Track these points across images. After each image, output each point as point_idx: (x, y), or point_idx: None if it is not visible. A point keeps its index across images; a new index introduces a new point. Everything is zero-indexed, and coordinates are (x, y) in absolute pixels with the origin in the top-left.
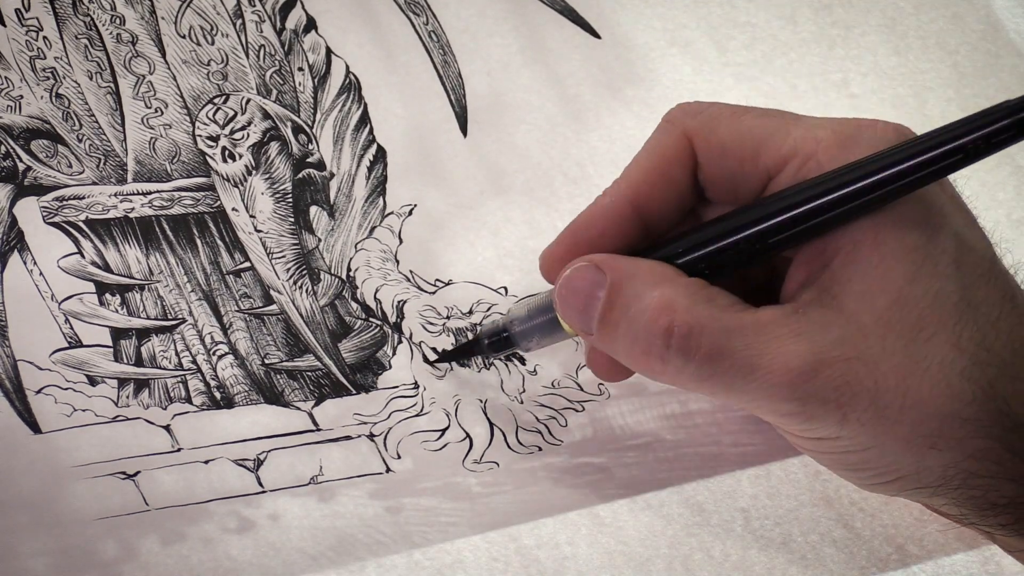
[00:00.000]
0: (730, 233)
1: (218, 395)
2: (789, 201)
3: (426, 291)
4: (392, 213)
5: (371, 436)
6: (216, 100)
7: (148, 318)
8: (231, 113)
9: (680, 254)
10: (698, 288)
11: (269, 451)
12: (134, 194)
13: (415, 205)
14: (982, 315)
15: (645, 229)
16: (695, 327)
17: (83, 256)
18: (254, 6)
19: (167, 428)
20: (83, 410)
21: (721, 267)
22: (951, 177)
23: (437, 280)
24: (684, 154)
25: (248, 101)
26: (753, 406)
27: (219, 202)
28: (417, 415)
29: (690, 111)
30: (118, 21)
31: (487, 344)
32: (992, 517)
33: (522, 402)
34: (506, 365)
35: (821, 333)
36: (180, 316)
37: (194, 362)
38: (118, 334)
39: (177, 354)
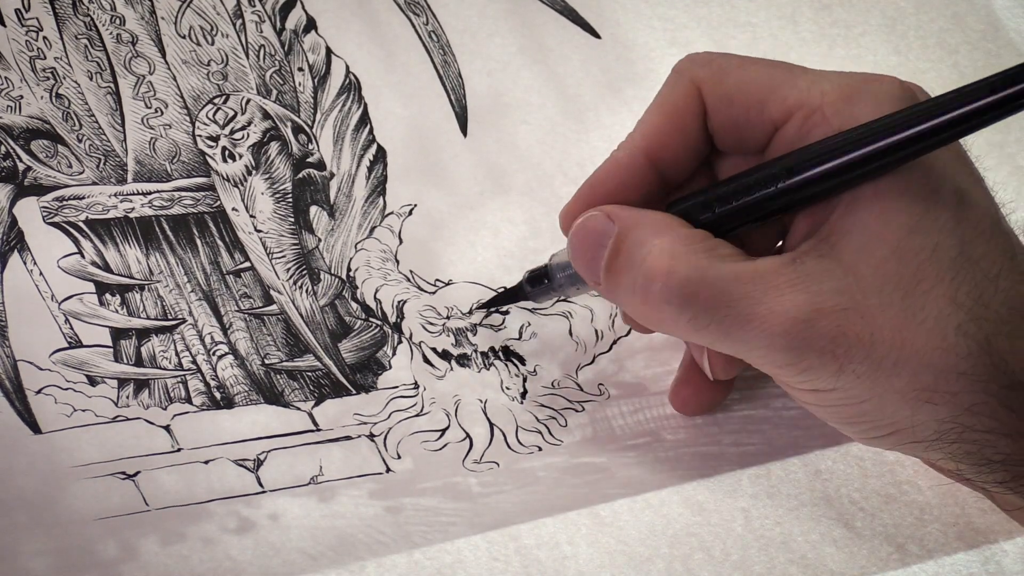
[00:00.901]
0: (738, 195)
1: (218, 395)
2: (797, 165)
3: (426, 291)
4: (392, 213)
5: (371, 436)
6: (216, 100)
7: (148, 318)
8: (231, 113)
9: (688, 210)
10: (700, 238)
11: (269, 451)
12: (134, 194)
13: (415, 205)
14: (981, 271)
15: (661, 182)
16: (692, 275)
17: (83, 256)
18: (254, 6)
19: (167, 428)
20: (83, 410)
21: (729, 227)
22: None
23: (437, 280)
24: (694, 103)
25: (248, 101)
26: (751, 356)
27: (219, 202)
28: (417, 415)
29: (698, 61)
30: (118, 21)
31: (529, 290)
32: (988, 473)
33: (522, 402)
34: (506, 365)
35: (817, 283)
36: (180, 316)
37: (194, 362)
38: (118, 334)
39: (177, 354)
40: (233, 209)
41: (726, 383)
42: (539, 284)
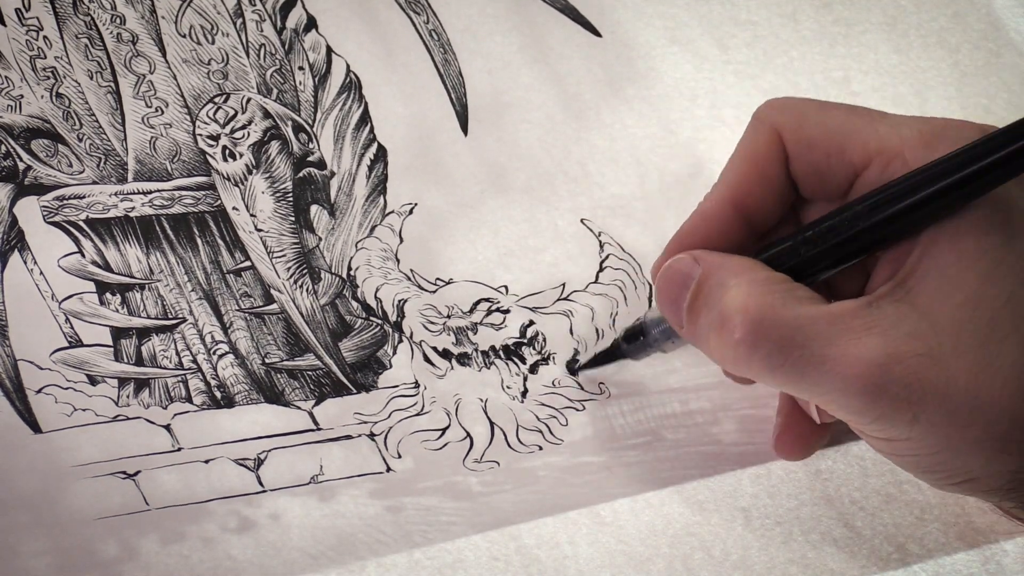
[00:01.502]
0: (822, 238)
1: (218, 394)
2: (878, 205)
3: (427, 290)
4: (393, 212)
5: (371, 435)
6: (216, 99)
7: (148, 317)
8: (231, 112)
9: (773, 256)
10: (778, 281)
11: (269, 450)
12: (134, 193)
13: (415, 204)
14: None
15: (748, 229)
16: (766, 314)
17: (83, 255)
18: (254, 5)
19: (167, 427)
20: (83, 409)
21: (815, 271)
22: None
23: (438, 279)
24: (776, 149)
25: (248, 100)
26: (825, 400)
27: (219, 201)
28: (418, 414)
29: (777, 106)
30: (118, 20)
31: (626, 348)
32: None
33: (523, 401)
34: (507, 364)
35: (893, 327)
36: (180, 315)
37: (194, 361)
38: (118, 333)
39: (177, 353)
40: (233, 208)
41: (827, 424)
42: (635, 340)
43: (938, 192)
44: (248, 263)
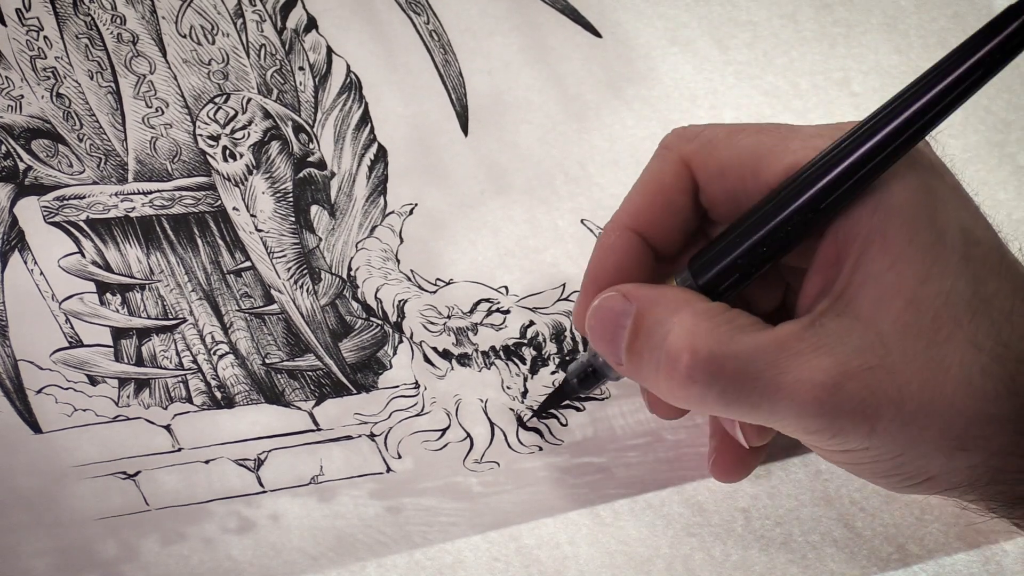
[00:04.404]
0: (742, 238)
1: (219, 395)
2: (787, 191)
3: (427, 290)
4: (393, 212)
5: (372, 436)
6: (217, 99)
7: (149, 318)
8: (232, 112)
9: (696, 274)
10: (718, 311)
11: (270, 451)
12: (135, 193)
13: (416, 204)
14: (995, 310)
15: (656, 255)
16: (716, 350)
17: (84, 256)
18: (255, 5)
19: (167, 428)
20: (83, 410)
21: (740, 279)
22: (952, 165)
23: (438, 279)
24: (683, 179)
25: (249, 100)
26: (781, 425)
27: (220, 201)
28: (418, 415)
29: (686, 136)
30: (119, 21)
31: (577, 383)
32: (1020, 509)
33: (523, 401)
34: (507, 364)
35: (841, 344)
36: (181, 316)
37: (195, 362)
38: (119, 334)
39: (178, 354)
40: (234, 208)
41: (763, 446)
42: (584, 375)
43: (846, 172)
44: (248, 263)
